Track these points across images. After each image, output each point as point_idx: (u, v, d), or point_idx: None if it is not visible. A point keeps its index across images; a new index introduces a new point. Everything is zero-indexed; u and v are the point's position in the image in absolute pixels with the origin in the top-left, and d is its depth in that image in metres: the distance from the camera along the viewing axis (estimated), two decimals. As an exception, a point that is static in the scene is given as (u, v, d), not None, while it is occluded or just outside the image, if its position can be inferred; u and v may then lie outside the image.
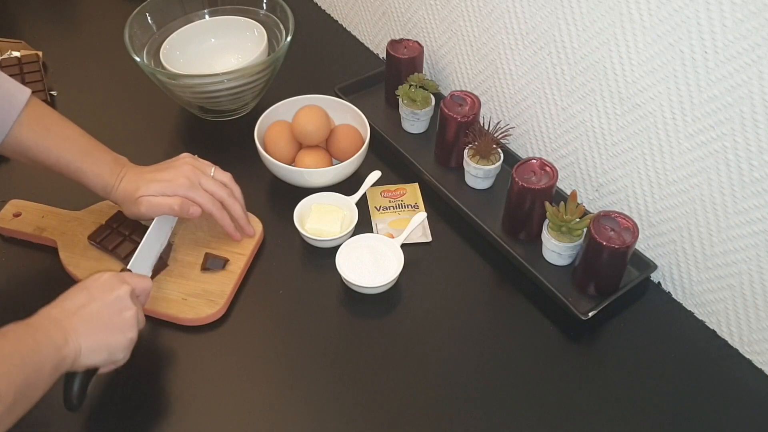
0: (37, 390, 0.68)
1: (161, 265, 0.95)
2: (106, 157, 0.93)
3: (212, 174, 0.96)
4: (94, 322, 0.74)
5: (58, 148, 0.90)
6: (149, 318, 0.91)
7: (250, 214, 1.01)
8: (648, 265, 0.96)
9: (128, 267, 0.89)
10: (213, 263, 0.95)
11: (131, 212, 0.93)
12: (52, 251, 0.98)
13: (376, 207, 1.06)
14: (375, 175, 1.07)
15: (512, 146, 1.11)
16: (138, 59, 1.11)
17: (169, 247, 0.97)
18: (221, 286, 0.93)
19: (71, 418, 0.82)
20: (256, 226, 1.01)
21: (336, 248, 0.97)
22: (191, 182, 0.93)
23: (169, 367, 0.88)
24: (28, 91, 0.89)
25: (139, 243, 0.92)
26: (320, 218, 1.01)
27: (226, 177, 0.98)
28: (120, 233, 0.98)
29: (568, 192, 1.01)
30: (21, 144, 0.88)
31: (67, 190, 1.02)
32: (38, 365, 0.68)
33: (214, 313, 0.91)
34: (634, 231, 0.89)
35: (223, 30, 1.25)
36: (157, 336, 0.91)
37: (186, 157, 0.97)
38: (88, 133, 0.93)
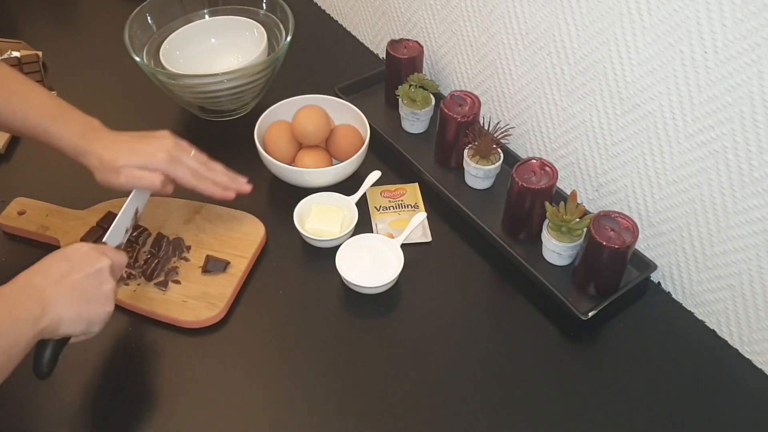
0: (10, 364, 0.68)
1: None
2: (76, 119, 0.89)
3: (192, 155, 0.94)
4: (76, 293, 0.74)
5: (23, 110, 0.87)
6: (148, 319, 0.92)
7: (252, 217, 1.02)
8: (648, 265, 0.96)
9: (104, 240, 0.87)
10: (214, 266, 0.95)
11: (107, 180, 0.89)
12: (55, 249, 0.97)
13: (376, 207, 1.06)
14: (375, 175, 1.07)
15: (512, 146, 1.11)
16: (138, 59, 1.11)
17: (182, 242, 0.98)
18: (221, 289, 0.93)
19: (72, 422, 0.83)
20: (259, 229, 1.01)
21: (336, 248, 0.97)
22: (172, 157, 0.90)
23: (168, 369, 0.88)
24: None
25: (130, 240, 0.92)
26: (320, 218, 1.01)
27: (203, 158, 0.96)
28: None
29: (568, 192, 1.01)
30: None
31: (71, 189, 1.03)
32: (13, 341, 0.68)
33: (213, 316, 0.91)
34: (634, 231, 0.89)
35: (223, 30, 1.25)
36: (156, 338, 0.91)
37: (166, 132, 0.94)
38: (60, 98, 0.90)
